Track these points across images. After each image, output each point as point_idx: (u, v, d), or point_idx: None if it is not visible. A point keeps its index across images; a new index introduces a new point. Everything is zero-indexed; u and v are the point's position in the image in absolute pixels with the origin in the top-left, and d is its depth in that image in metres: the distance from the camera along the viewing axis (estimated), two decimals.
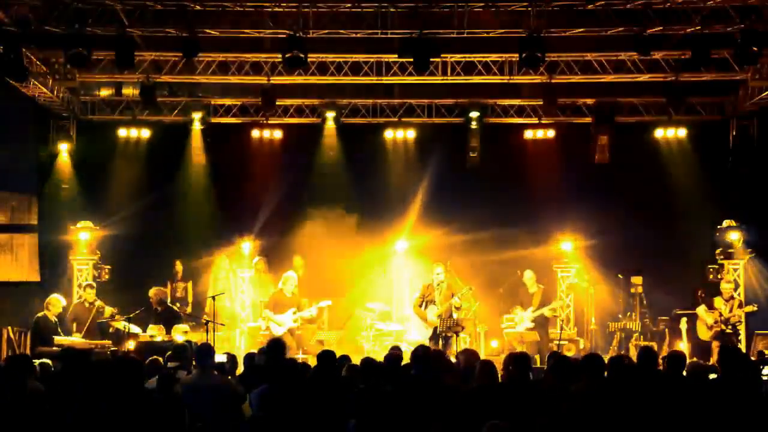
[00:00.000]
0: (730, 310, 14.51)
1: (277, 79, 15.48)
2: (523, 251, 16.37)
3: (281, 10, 13.34)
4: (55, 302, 13.27)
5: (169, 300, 14.53)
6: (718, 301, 14.64)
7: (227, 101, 17.20)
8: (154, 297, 13.84)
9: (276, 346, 8.61)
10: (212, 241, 16.61)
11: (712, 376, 7.92)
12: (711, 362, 12.36)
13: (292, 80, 15.52)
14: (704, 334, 14.57)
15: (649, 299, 15.64)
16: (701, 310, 14.70)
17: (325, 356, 8.10)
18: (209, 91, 17.16)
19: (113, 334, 13.38)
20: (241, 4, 13.15)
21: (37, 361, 8.63)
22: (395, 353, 8.91)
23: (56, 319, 13.18)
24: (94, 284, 14.62)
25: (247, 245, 16.54)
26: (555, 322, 15.03)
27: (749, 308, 14.67)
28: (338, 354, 8.63)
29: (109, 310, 13.66)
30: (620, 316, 15.70)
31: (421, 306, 14.18)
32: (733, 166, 16.55)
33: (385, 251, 16.62)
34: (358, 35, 13.88)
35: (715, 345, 14.15)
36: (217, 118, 17.18)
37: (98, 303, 13.80)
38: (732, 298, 14.71)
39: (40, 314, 13.17)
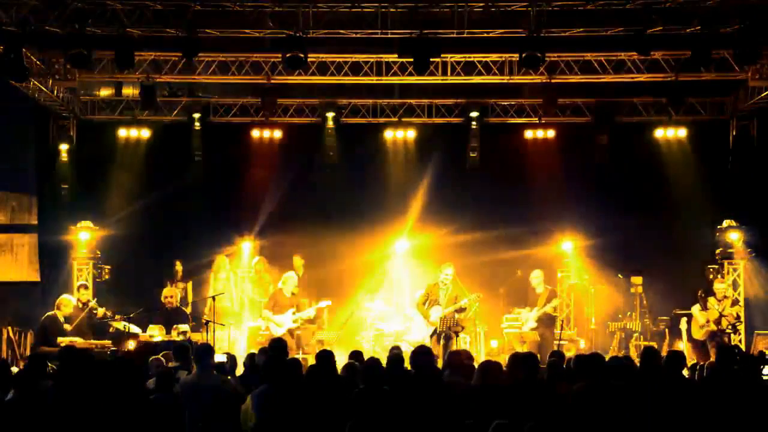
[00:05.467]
0: (723, 310, 14.55)
1: (277, 79, 15.48)
2: (523, 251, 16.37)
3: (281, 10, 13.33)
4: (67, 302, 13.29)
5: (179, 300, 14.59)
6: (711, 301, 14.68)
7: (227, 101, 17.21)
8: (173, 298, 13.90)
9: (279, 346, 8.62)
10: (212, 241, 16.60)
11: None
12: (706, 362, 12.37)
13: (292, 80, 15.51)
14: (697, 333, 14.64)
15: (649, 299, 15.63)
16: (695, 309, 14.76)
17: (324, 356, 8.10)
18: (209, 91, 17.16)
19: (113, 334, 13.38)
20: (241, 4, 13.14)
21: None
22: (397, 354, 8.90)
23: (64, 320, 13.17)
24: (89, 285, 14.59)
25: (247, 245, 16.55)
26: (556, 322, 15.03)
27: (736, 308, 14.72)
28: (337, 353, 8.64)
29: (101, 311, 13.65)
30: (620, 316, 15.71)
31: (424, 304, 14.17)
32: (733, 166, 16.55)
33: (385, 251, 16.61)
34: (358, 35, 13.86)
35: (710, 345, 14.24)
36: (217, 118, 17.18)
37: (91, 303, 13.78)
38: (725, 297, 14.73)
39: (50, 313, 13.17)
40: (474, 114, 16.61)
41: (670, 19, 13.30)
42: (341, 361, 9.15)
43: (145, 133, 16.86)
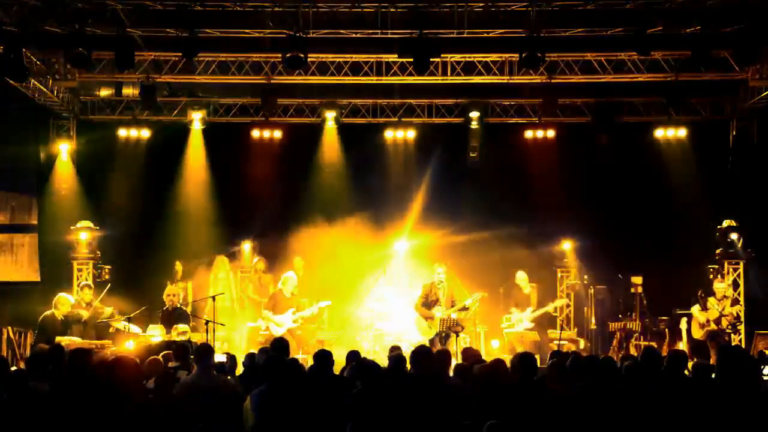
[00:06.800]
0: (722, 310, 14.55)
1: (277, 79, 15.49)
2: (523, 251, 16.36)
3: (281, 10, 13.34)
4: (64, 301, 13.24)
5: (180, 300, 14.60)
6: (711, 301, 14.68)
7: (227, 101, 17.21)
8: (176, 297, 13.90)
9: (280, 346, 8.62)
10: (212, 241, 16.62)
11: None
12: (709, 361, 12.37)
13: (292, 80, 15.52)
14: (697, 333, 14.64)
15: (649, 299, 15.63)
16: (695, 309, 14.75)
17: (321, 356, 8.09)
18: (209, 91, 17.16)
19: (113, 334, 13.37)
20: (241, 4, 13.15)
21: None
22: (398, 354, 8.88)
23: (63, 319, 13.15)
24: (92, 285, 14.59)
25: (247, 245, 16.54)
26: (555, 322, 15.04)
27: (736, 308, 14.72)
28: (337, 353, 8.63)
29: (108, 311, 13.64)
30: (620, 316, 15.70)
31: (424, 305, 14.16)
32: (733, 166, 16.55)
33: (385, 251, 16.61)
34: (358, 35, 13.88)
35: (711, 345, 14.22)
36: (217, 118, 17.19)
37: (96, 304, 13.77)
38: (725, 297, 14.73)
39: (47, 312, 13.14)
40: (474, 114, 16.61)
41: (670, 19, 13.31)
42: (341, 361, 9.16)
43: (145, 133, 16.87)
